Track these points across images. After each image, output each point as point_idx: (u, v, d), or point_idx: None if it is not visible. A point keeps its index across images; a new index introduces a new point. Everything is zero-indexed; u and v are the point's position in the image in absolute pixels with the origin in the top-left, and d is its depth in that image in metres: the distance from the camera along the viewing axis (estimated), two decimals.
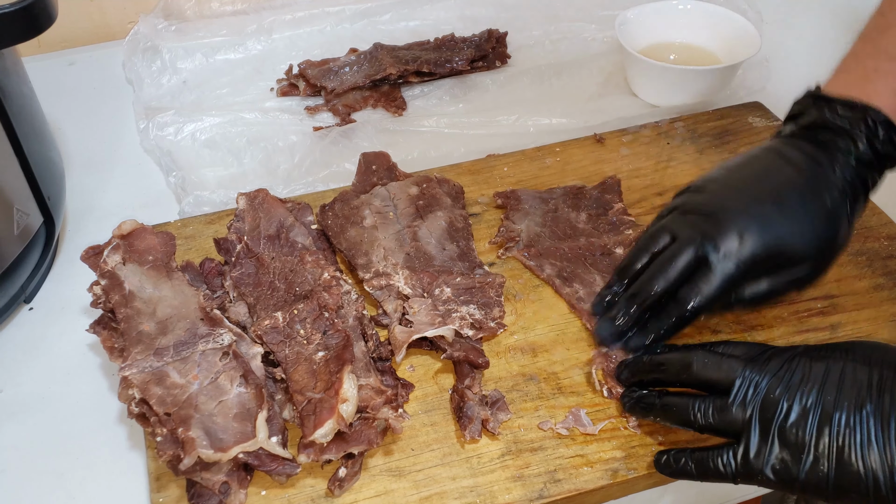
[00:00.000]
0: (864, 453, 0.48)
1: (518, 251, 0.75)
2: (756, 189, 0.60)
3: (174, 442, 0.56)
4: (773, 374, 0.52)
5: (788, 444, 0.50)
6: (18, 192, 0.72)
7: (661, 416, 0.58)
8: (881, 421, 0.48)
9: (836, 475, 0.49)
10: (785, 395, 0.51)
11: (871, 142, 0.60)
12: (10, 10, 0.63)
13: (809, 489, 0.50)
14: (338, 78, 0.97)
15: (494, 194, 0.80)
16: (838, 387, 0.50)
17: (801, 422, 0.50)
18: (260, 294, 0.68)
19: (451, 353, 0.65)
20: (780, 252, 0.58)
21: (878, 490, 0.48)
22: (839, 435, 0.49)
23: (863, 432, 0.48)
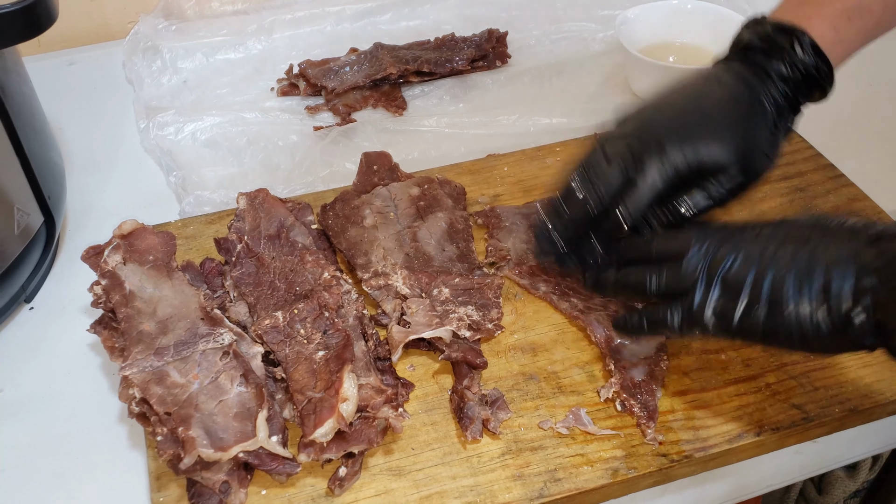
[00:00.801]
0: (794, 298, 0.52)
1: (510, 270, 0.74)
2: (683, 107, 0.64)
3: (174, 441, 0.56)
4: (724, 238, 0.56)
5: (728, 291, 0.55)
6: (19, 192, 0.72)
7: (620, 288, 0.62)
8: (811, 268, 0.52)
9: (766, 317, 0.53)
10: (731, 252, 0.55)
11: (798, 63, 0.63)
12: (10, 10, 0.63)
13: (743, 332, 0.55)
14: (338, 78, 0.97)
15: (473, 214, 0.79)
16: (781, 242, 0.54)
17: (741, 271, 0.54)
18: (260, 294, 0.68)
19: (448, 353, 0.65)
20: (701, 161, 0.60)
21: (805, 334, 0.52)
22: (773, 280, 0.53)
23: (795, 276, 0.52)
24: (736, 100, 0.63)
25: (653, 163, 0.60)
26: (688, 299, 0.56)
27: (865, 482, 1.04)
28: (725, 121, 0.62)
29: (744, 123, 0.62)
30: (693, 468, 0.62)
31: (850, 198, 0.81)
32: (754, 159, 0.62)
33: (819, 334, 0.52)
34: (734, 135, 0.61)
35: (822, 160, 0.85)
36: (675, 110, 0.63)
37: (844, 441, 0.69)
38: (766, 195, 0.81)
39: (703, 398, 0.64)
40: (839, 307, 0.51)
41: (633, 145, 0.61)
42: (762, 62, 0.63)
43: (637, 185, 0.60)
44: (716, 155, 0.60)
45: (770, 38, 0.63)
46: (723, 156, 0.60)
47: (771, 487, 0.69)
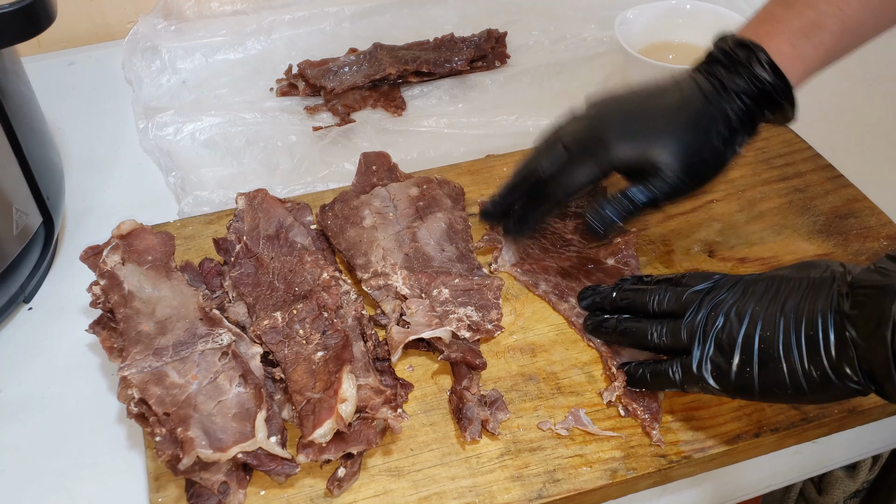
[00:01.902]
0: (784, 352, 0.53)
1: (511, 267, 0.74)
2: (636, 106, 0.67)
3: (173, 442, 0.56)
4: (721, 297, 0.58)
5: (722, 349, 0.56)
6: (18, 192, 0.72)
7: (619, 339, 0.65)
8: (797, 320, 0.53)
9: (759, 374, 0.55)
10: (723, 309, 0.57)
11: (754, 79, 0.64)
12: (10, 10, 0.63)
13: (740, 389, 0.56)
14: (337, 78, 0.97)
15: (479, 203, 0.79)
16: (770, 298, 0.56)
17: (733, 328, 0.56)
18: (259, 294, 0.68)
19: (447, 354, 0.65)
20: (637, 160, 0.64)
21: (798, 387, 0.53)
22: (762, 337, 0.54)
23: (783, 332, 0.54)
24: (687, 107, 0.65)
25: (593, 152, 0.65)
26: (688, 357, 0.58)
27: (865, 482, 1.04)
28: (671, 125, 0.64)
29: (689, 130, 0.64)
30: (692, 469, 0.62)
31: (850, 198, 0.81)
32: (695, 165, 0.64)
33: (813, 387, 0.53)
34: (676, 140, 0.64)
35: (822, 160, 0.85)
36: (628, 108, 0.67)
37: (844, 441, 0.69)
38: (765, 195, 0.81)
39: (702, 399, 0.64)
40: (828, 360, 0.52)
41: (579, 134, 0.67)
42: (721, 75, 0.65)
43: (574, 168, 0.66)
44: (655, 154, 0.64)
45: (730, 53, 0.65)
46: (660, 157, 0.64)
47: (771, 487, 0.69)
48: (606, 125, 0.66)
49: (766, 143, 0.87)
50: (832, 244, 0.76)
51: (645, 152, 0.64)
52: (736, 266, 0.74)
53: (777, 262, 0.75)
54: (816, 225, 0.78)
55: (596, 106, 0.68)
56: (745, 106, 0.64)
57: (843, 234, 0.77)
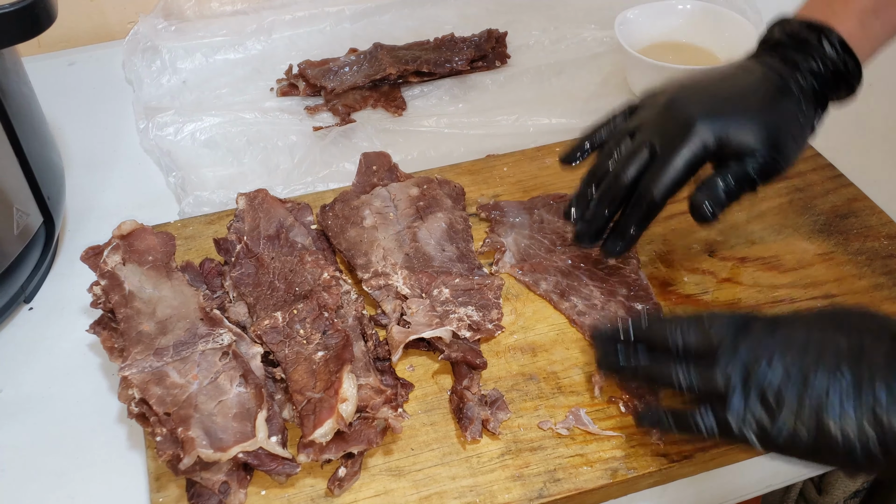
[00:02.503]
0: (839, 416, 0.49)
1: (511, 267, 0.74)
2: (711, 89, 0.65)
3: (174, 442, 0.56)
4: (758, 339, 0.53)
5: (768, 405, 0.51)
6: (18, 192, 0.72)
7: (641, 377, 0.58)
8: (857, 386, 0.49)
9: (812, 436, 0.49)
10: (765, 358, 0.52)
11: (827, 59, 0.63)
12: (10, 10, 0.63)
13: (787, 449, 0.51)
14: (338, 78, 0.97)
15: (478, 207, 0.80)
16: (819, 351, 0.51)
17: (780, 383, 0.51)
18: (260, 294, 0.68)
19: (448, 353, 0.65)
20: (730, 140, 0.61)
21: (852, 452, 0.48)
22: (816, 397, 0.49)
23: (838, 396, 0.49)
24: (766, 84, 0.63)
25: (682, 138, 0.61)
26: (723, 408, 0.52)
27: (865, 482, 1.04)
28: (756, 102, 0.62)
29: (774, 106, 0.62)
30: (693, 468, 0.62)
31: (850, 198, 0.81)
32: (784, 143, 0.62)
33: (869, 454, 0.48)
34: (764, 116, 0.62)
35: (822, 160, 0.85)
36: (704, 90, 0.64)
37: None
38: (765, 195, 0.81)
39: None
40: (890, 425, 0.47)
41: (662, 125, 0.62)
42: (792, 56, 0.64)
43: (667, 160, 0.61)
44: (745, 134, 0.61)
45: (799, 35, 0.64)
46: (752, 135, 0.61)
47: (771, 487, 0.69)
48: (690, 110, 0.62)
49: None
50: (832, 243, 0.76)
51: (735, 132, 0.61)
52: (736, 265, 0.74)
53: (777, 262, 0.75)
54: (817, 224, 0.78)
55: (666, 93, 0.65)
56: (817, 85, 0.64)
57: (844, 233, 0.77)
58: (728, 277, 0.74)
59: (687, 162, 0.61)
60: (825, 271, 0.74)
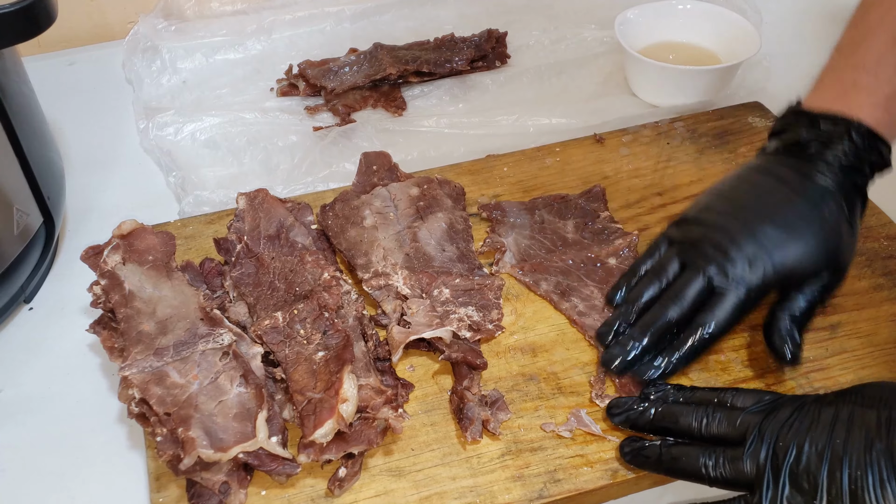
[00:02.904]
0: (878, 495, 0.47)
1: (512, 267, 0.74)
2: (755, 211, 0.62)
3: (174, 442, 0.56)
4: (784, 422, 0.52)
5: (801, 489, 0.50)
6: (18, 192, 0.72)
7: (667, 469, 0.57)
8: (893, 461, 0.48)
9: None
10: (794, 440, 0.51)
11: (856, 153, 0.61)
12: (10, 10, 0.63)
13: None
14: (338, 78, 0.97)
15: (479, 207, 0.80)
16: (847, 429, 0.50)
17: (812, 465, 0.50)
18: (260, 294, 0.68)
19: (448, 354, 0.65)
20: (790, 271, 0.60)
21: None
22: (851, 477, 0.48)
23: (874, 472, 0.48)
24: (809, 198, 0.61)
25: (742, 273, 0.59)
26: (755, 497, 0.51)
27: None
28: (806, 223, 0.60)
29: (824, 221, 0.60)
30: None
31: None
32: (841, 256, 0.61)
33: None
34: (818, 235, 0.60)
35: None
36: (750, 215, 0.62)
37: None
38: None
39: None
40: None
41: (714, 256, 0.60)
42: (822, 155, 0.62)
43: (726, 296, 0.59)
44: (807, 261, 0.59)
45: (823, 132, 0.62)
46: (813, 260, 0.60)
47: None
48: (737, 243, 0.60)
49: None
50: None
51: (799, 263, 0.59)
52: None
53: None
54: None
55: (708, 220, 0.63)
56: (850, 177, 0.62)
57: None
58: None
59: (748, 300, 0.60)
60: None
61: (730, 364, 0.66)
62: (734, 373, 0.66)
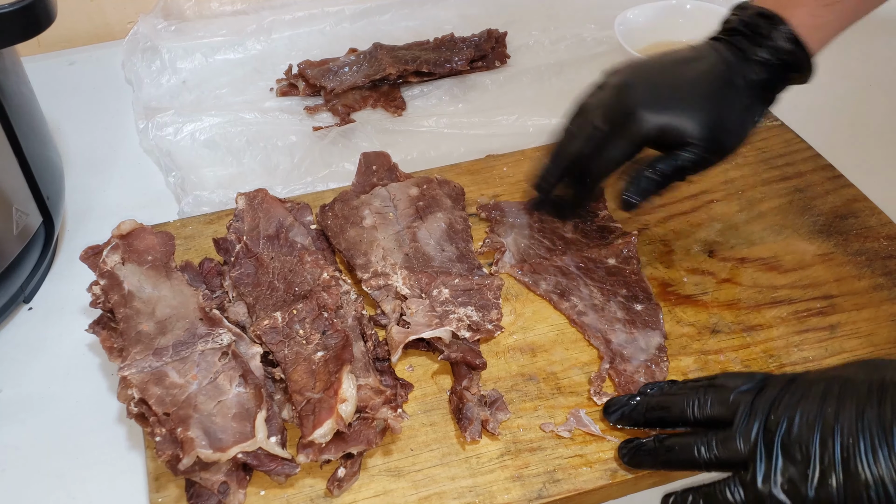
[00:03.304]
0: (869, 462, 0.47)
1: (511, 267, 0.74)
2: (660, 78, 0.67)
3: (173, 442, 0.56)
4: (775, 398, 0.52)
5: (794, 460, 0.49)
6: (18, 192, 0.72)
7: (664, 461, 0.57)
8: (883, 428, 0.47)
9: (844, 486, 0.47)
10: (785, 413, 0.51)
11: (777, 50, 0.65)
12: (10, 10, 0.63)
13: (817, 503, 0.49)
14: (337, 78, 0.97)
15: (478, 207, 0.80)
16: (838, 399, 0.50)
17: (803, 436, 0.49)
18: (259, 294, 0.68)
19: (447, 354, 0.65)
20: (666, 132, 0.65)
21: (890, 499, 0.46)
22: (843, 444, 0.48)
23: (865, 439, 0.48)
24: (712, 77, 0.65)
25: (624, 127, 0.65)
26: (749, 474, 0.51)
27: None
28: (698, 96, 0.65)
29: (714, 101, 0.65)
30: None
31: (850, 198, 0.81)
32: (720, 137, 0.65)
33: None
34: (702, 111, 0.64)
35: (822, 161, 0.85)
36: (654, 79, 0.67)
37: None
38: (765, 195, 0.81)
39: None
40: None
41: (608, 109, 0.67)
42: (743, 45, 0.66)
43: (609, 146, 0.66)
44: (683, 126, 0.64)
45: (752, 24, 0.65)
46: (688, 129, 0.64)
47: None
48: (634, 98, 0.66)
49: (766, 143, 0.87)
50: (832, 244, 0.76)
51: (673, 124, 0.64)
52: (736, 266, 0.74)
53: (776, 263, 0.75)
54: (817, 225, 0.78)
55: (620, 75, 0.69)
56: (766, 76, 0.65)
57: (844, 234, 0.77)
58: (728, 278, 0.73)
59: (625, 149, 0.66)
60: (825, 272, 0.74)
61: (729, 364, 0.66)
62: None
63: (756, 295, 0.72)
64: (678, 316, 0.70)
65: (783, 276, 0.73)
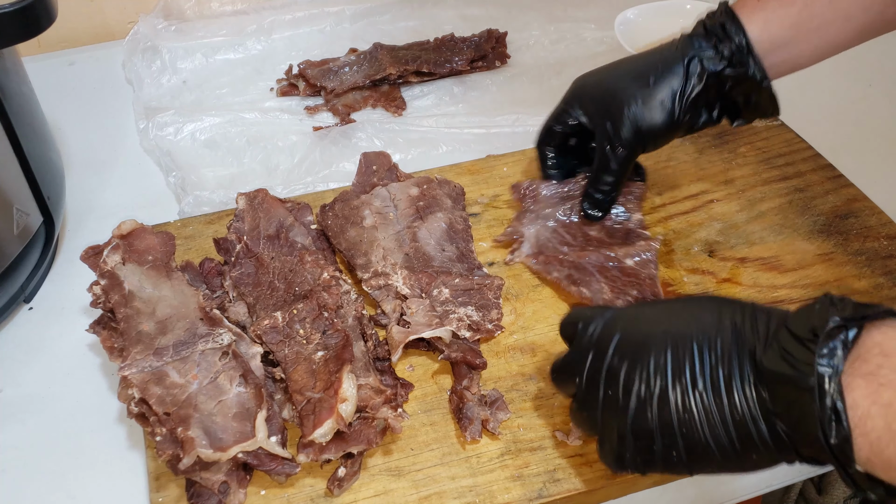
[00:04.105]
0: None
1: (526, 257, 0.74)
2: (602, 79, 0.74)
3: (173, 441, 0.56)
4: (604, 329, 0.54)
5: (615, 388, 0.51)
6: (18, 192, 0.72)
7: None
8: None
9: (658, 415, 0.49)
10: (610, 348, 0.52)
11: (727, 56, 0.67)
12: (10, 10, 0.63)
13: (637, 432, 0.50)
14: (337, 78, 0.97)
15: (511, 186, 0.80)
16: (670, 363, 0.50)
17: (622, 368, 0.51)
18: (259, 294, 0.68)
19: (448, 354, 0.65)
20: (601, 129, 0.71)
21: (692, 429, 0.48)
22: (659, 375, 0.50)
23: (685, 373, 0.49)
24: (644, 77, 0.70)
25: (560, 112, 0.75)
26: (578, 393, 0.55)
27: None
28: (629, 95, 0.70)
29: (638, 102, 0.69)
30: None
31: (850, 198, 0.81)
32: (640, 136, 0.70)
33: (715, 433, 0.48)
34: (624, 112, 0.69)
35: (822, 160, 0.85)
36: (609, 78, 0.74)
37: None
38: (765, 195, 0.81)
39: None
40: (764, 448, 0.47)
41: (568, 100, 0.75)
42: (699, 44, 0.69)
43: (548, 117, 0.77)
44: (607, 127, 0.70)
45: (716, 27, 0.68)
46: (612, 129, 0.70)
47: (771, 487, 0.69)
48: (578, 97, 0.74)
49: (767, 143, 0.87)
50: (832, 244, 0.76)
51: (601, 124, 0.71)
52: (736, 266, 0.75)
53: (777, 262, 0.75)
54: (817, 225, 0.78)
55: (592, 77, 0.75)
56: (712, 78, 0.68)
57: (844, 233, 0.77)
58: (728, 278, 0.74)
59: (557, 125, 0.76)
60: (825, 272, 0.74)
61: None
62: None
63: (756, 295, 0.72)
64: None
65: (783, 275, 0.73)
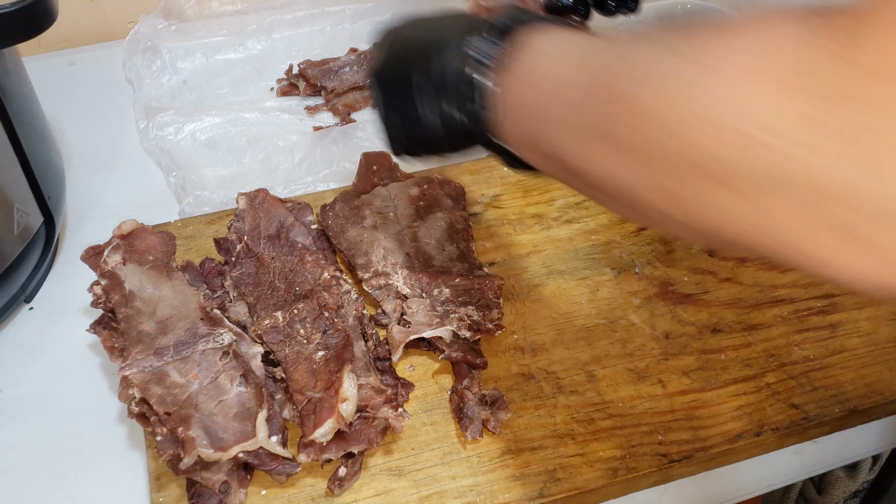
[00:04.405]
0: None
1: None
2: None
3: (174, 441, 0.56)
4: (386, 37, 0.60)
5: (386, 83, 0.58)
6: (18, 192, 0.72)
7: None
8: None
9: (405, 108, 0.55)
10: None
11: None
12: (10, 10, 0.63)
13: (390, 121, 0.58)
14: (338, 78, 0.97)
15: None
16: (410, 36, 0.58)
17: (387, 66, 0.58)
18: (260, 294, 0.68)
19: (448, 353, 0.65)
20: None
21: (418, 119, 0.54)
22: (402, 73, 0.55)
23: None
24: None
25: None
26: None
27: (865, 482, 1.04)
28: None
29: None
30: (693, 468, 0.62)
31: None
32: None
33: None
34: None
35: None
36: None
37: (844, 441, 0.69)
38: None
39: (702, 398, 0.64)
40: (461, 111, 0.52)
41: None
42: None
43: None
44: None
45: None
46: None
47: (771, 487, 0.69)
48: None
49: None
50: None
51: None
52: (736, 265, 0.74)
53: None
54: None
55: None
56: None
57: None
58: (728, 277, 0.74)
59: None
60: None
61: (730, 364, 0.67)
62: (734, 372, 0.66)
63: (757, 294, 0.72)
64: (679, 315, 0.70)
65: (784, 274, 0.74)
